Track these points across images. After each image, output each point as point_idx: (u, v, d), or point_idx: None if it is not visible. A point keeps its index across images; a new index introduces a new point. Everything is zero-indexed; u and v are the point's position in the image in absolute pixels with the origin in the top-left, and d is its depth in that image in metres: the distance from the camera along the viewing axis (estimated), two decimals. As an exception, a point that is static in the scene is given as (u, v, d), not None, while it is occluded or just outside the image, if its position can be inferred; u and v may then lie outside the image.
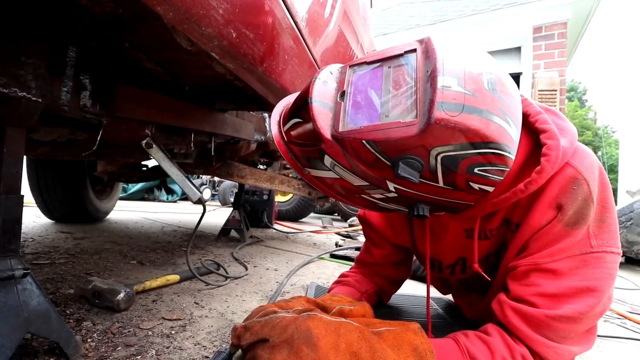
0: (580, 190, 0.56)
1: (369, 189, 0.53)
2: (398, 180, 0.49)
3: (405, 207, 0.56)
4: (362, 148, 0.47)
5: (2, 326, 0.50)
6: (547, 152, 0.58)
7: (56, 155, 0.95)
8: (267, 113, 1.59)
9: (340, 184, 0.55)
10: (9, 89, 0.51)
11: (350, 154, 0.49)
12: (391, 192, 0.52)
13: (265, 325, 0.52)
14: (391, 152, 0.46)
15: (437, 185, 0.49)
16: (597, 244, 0.56)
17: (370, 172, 0.50)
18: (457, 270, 0.79)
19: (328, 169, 0.53)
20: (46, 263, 1.18)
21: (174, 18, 0.37)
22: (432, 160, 0.46)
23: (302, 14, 0.64)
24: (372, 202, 0.57)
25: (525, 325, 0.55)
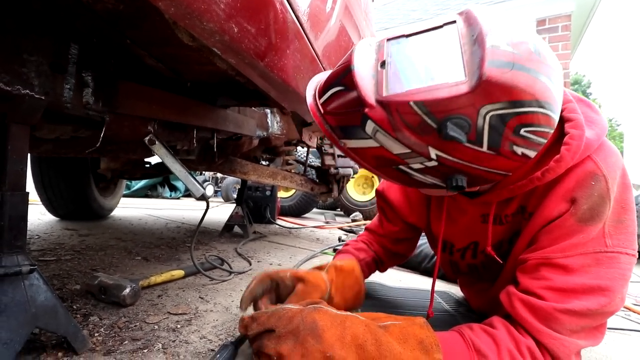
0: (597, 186, 0.56)
1: (408, 158, 0.52)
2: (442, 144, 0.48)
3: (442, 179, 0.54)
4: (409, 111, 0.46)
5: (11, 321, 0.51)
6: (568, 142, 0.57)
7: (60, 153, 0.96)
8: (269, 109, 1.59)
9: (377, 154, 0.53)
10: (12, 87, 0.51)
11: (394, 119, 0.48)
12: (432, 160, 0.51)
13: (271, 316, 0.53)
14: (438, 113, 0.45)
15: (481, 150, 0.48)
16: (613, 243, 0.55)
17: (414, 138, 0.48)
18: (468, 255, 0.79)
19: (368, 137, 0.51)
20: (52, 259, 1.20)
21: (175, 13, 0.37)
22: (481, 120, 0.45)
23: (303, 8, 0.63)
24: (407, 175, 0.55)
25: (532, 317, 0.55)
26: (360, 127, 0.51)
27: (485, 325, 0.59)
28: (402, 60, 0.49)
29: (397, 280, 1.36)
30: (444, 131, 0.45)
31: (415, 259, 1.51)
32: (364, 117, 0.50)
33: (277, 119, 1.64)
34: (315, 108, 0.56)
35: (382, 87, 0.48)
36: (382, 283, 1.21)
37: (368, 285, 1.17)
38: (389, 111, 0.48)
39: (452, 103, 0.44)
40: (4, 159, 0.52)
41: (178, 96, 0.88)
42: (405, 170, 0.54)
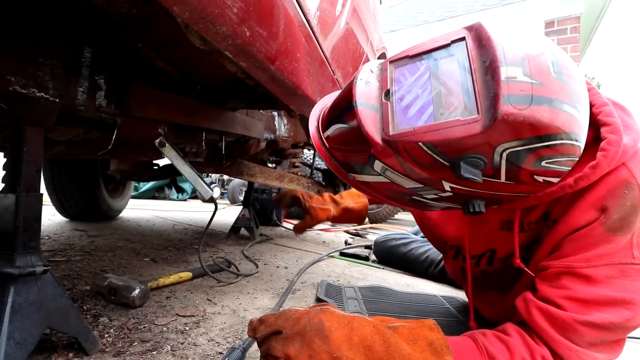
0: (630, 195, 0.53)
1: (422, 191, 0.51)
2: (457, 180, 0.46)
3: (459, 204, 0.52)
4: (418, 150, 0.44)
5: (24, 321, 0.51)
6: (606, 147, 0.54)
7: (72, 155, 0.97)
8: (277, 111, 1.59)
9: (389, 188, 0.53)
10: (27, 90, 0.52)
11: (403, 158, 0.46)
12: (446, 192, 0.49)
13: (278, 317, 0.53)
14: (451, 153, 0.43)
15: (499, 181, 0.46)
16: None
17: (426, 174, 0.47)
18: (483, 262, 0.76)
19: (377, 173, 0.51)
20: (62, 260, 1.21)
21: (189, 17, 0.37)
22: (497, 157, 0.43)
23: (313, 11, 0.64)
24: (423, 203, 0.55)
25: (550, 326, 0.53)
26: (369, 166, 0.50)
27: (499, 331, 0.57)
28: (407, 90, 0.46)
29: (405, 284, 1.35)
30: (457, 172, 0.43)
31: (422, 265, 1.50)
32: (371, 157, 0.49)
33: (284, 121, 1.65)
34: (320, 142, 0.56)
35: (388, 123, 0.46)
36: (390, 287, 1.20)
37: (375, 288, 1.17)
38: (396, 150, 0.46)
39: (465, 143, 0.41)
40: (19, 161, 0.53)
41: (188, 99, 0.89)
42: (420, 200, 0.53)
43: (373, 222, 3.63)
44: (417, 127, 0.43)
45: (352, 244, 2.06)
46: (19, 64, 0.51)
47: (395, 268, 1.60)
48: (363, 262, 1.68)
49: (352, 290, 1.13)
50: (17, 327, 0.50)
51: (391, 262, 1.63)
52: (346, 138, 0.51)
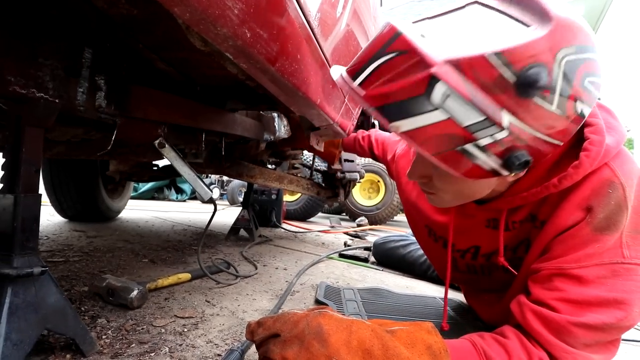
0: (614, 194, 0.54)
1: (479, 130, 0.46)
2: (517, 104, 0.45)
3: (504, 159, 0.49)
4: (485, 64, 0.43)
5: (21, 322, 0.51)
6: (588, 147, 0.55)
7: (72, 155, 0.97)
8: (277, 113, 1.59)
9: (441, 133, 0.47)
10: (27, 90, 0.52)
11: (467, 77, 0.44)
12: (503, 130, 0.46)
13: (277, 320, 0.52)
14: (517, 63, 0.43)
15: (550, 109, 0.46)
16: (631, 255, 0.53)
17: (490, 99, 0.45)
18: (468, 257, 0.78)
19: (433, 108, 0.45)
20: (61, 261, 1.21)
21: (190, 18, 0.37)
22: (556, 67, 0.44)
23: (314, 13, 0.64)
24: (469, 158, 0.49)
25: (545, 329, 0.53)
26: (425, 97, 0.44)
27: (497, 334, 0.57)
28: (443, 32, 0.46)
29: (404, 286, 1.34)
30: (526, 80, 0.43)
31: (420, 267, 1.50)
32: (431, 81, 0.44)
33: (284, 123, 1.64)
34: (352, 91, 0.50)
35: (438, 49, 0.44)
36: (389, 289, 1.20)
37: (375, 290, 1.17)
38: (460, 69, 0.44)
39: (531, 50, 0.43)
40: (19, 161, 0.53)
41: (188, 100, 0.89)
42: (470, 151, 0.48)
43: (372, 224, 3.63)
44: (477, 45, 0.44)
45: (351, 245, 2.06)
46: (19, 64, 0.51)
47: (394, 270, 1.60)
48: (362, 264, 1.68)
49: (351, 292, 1.13)
50: (14, 329, 0.49)
51: (390, 263, 1.63)
52: (393, 68, 0.46)
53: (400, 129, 0.47)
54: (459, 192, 0.62)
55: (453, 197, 0.63)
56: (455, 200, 0.65)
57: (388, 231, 3.28)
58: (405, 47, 0.45)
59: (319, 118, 0.97)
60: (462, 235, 0.77)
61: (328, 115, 0.95)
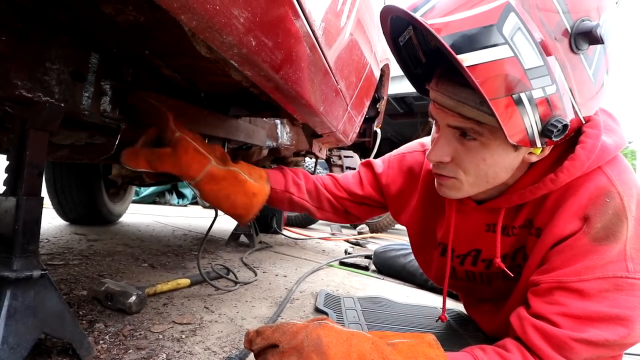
0: (612, 203, 0.54)
1: (536, 78, 0.46)
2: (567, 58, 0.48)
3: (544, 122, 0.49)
4: (550, 8, 0.47)
5: (19, 326, 0.51)
6: (584, 140, 0.55)
7: (75, 159, 0.97)
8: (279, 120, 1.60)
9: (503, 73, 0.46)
10: (33, 94, 0.53)
11: (533, 17, 0.46)
12: (553, 84, 0.47)
13: (276, 330, 0.52)
14: (575, 13, 0.47)
15: (588, 73, 0.50)
16: (635, 269, 0.52)
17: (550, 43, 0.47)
18: (468, 262, 0.77)
19: (502, 42, 0.45)
20: (60, 264, 1.20)
21: (196, 26, 0.38)
22: (601, 25, 0.47)
23: (318, 22, 0.64)
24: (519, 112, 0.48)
25: (546, 345, 0.52)
26: (496, 27, 0.44)
27: (499, 347, 0.57)
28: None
29: (405, 296, 1.33)
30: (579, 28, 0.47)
31: (421, 277, 1.48)
32: (505, 10, 0.44)
33: (286, 129, 1.65)
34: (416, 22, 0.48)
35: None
36: (389, 299, 1.19)
37: (375, 299, 1.16)
38: (528, 7, 0.46)
39: (586, 3, 0.48)
40: (22, 164, 0.53)
41: (192, 106, 0.90)
42: (523, 102, 0.47)
43: (373, 232, 3.62)
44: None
45: (352, 253, 2.05)
46: (26, 68, 0.51)
47: (395, 279, 1.59)
48: (363, 272, 1.67)
49: (351, 300, 1.12)
50: (11, 332, 0.49)
51: (391, 272, 1.62)
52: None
53: (466, 62, 0.45)
54: (484, 173, 0.59)
55: (474, 180, 0.60)
56: (475, 186, 0.62)
57: (389, 239, 3.26)
58: None
59: (321, 125, 0.97)
60: (462, 239, 0.76)
61: (331, 123, 0.95)
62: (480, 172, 0.59)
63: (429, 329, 0.96)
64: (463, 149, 0.59)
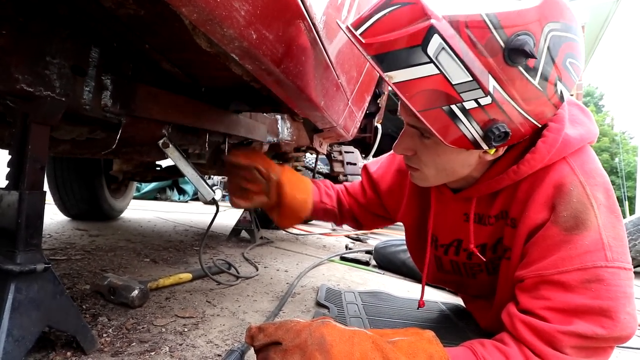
0: (575, 191, 0.55)
1: (466, 91, 0.48)
2: (503, 71, 0.48)
3: (484, 130, 0.51)
4: (479, 25, 0.47)
5: (23, 318, 0.51)
6: (545, 134, 0.57)
7: (76, 154, 0.97)
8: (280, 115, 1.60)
9: (431, 88, 0.49)
10: (34, 88, 0.53)
11: (461, 35, 0.47)
12: (487, 95, 0.49)
13: (279, 327, 0.52)
14: (508, 28, 0.46)
15: (532, 83, 0.49)
16: (613, 257, 0.53)
17: (479, 60, 0.47)
18: (451, 251, 0.80)
19: (427, 61, 0.47)
20: (63, 259, 1.21)
21: (197, 19, 0.38)
22: (543, 39, 0.47)
23: (319, 15, 0.64)
24: (453, 121, 0.51)
25: (537, 340, 0.53)
26: (421, 47, 0.47)
27: (497, 341, 0.57)
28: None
29: (405, 290, 1.34)
30: (512, 44, 0.46)
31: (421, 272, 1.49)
32: (429, 32, 0.46)
33: (287, 125, 1.65)
34: (358, 39, 0.52)
35: (444, 5, 0.48)
36: (389, 293, 1.19)
37: (376, 294, 1.16)
38: (456, 26, 0.47)
39: (523, 17, 0.46)
40: (24, 158, 0.53)
41: (192, 100, 0.90)
42: (455, 113, 0.50)
43: (374, 228, 3.62)
44: (474, 6, 0.47)
45: (352, 248, 2.05)
46: (27, 62, 0.51)
47: (395, 274, 1.59)
48: (363, 267, 1.67)
49: (352, 295, 1.12)
50: (16, 325, 0.50)
51: (391, 267, 1.63)
52: (397, 19, 0.49)
53: (393, 79, 0.50)
54: (441, 167, 0.63)
55: (436, 173, 0.65)
56: (438, 177, 0.66)
57: (389, 235, 3.27)
58: (411, 0, 0.48)
59: (322, 120, 0.97)
60: (445, 229, 0.78)
61: (332, 117, 0.95)
62: (438, 166, 0.63)
63: (429, 322, 0.97)
64: (421, 145, 0.63)
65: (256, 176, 0.71)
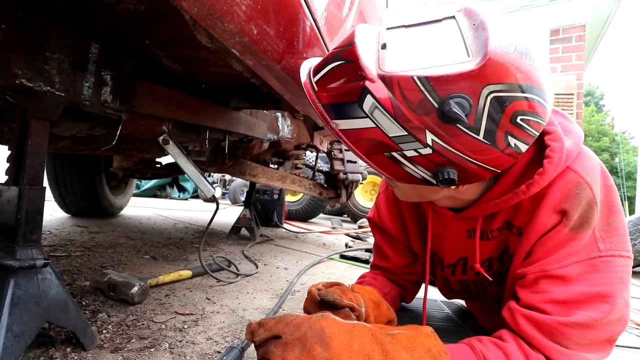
0: (583, 194, 0.56)
1: (403, 143, 0.50)
2: (440, 128, 0.48)
3: (433, 172, 0.53)
4: (411, 86, 0.46)
5: (23, 314, 0.51)
6: (549, 154, 0.57)
7: (76, 150, 0.97)
8: (280, 112, 1.60)
9: (371, 137, 0.52)
10: (34, 83, 0.53)
11: (395, 95, 0.47)
12: (427, 147, 0.50)
13: (278, 322, 0.52)
14: (441, 91, 0.46)
15: (477, 138, 0.48)
16: (606, 247, 0.55)
17: (413, 118, 0.48)
18: (458, 271, 0.78)
19: (364, 115, 0.50)
20: (63, 255, 1.21)
21: (198, 14, 0.37)
22: (482, 101, 0.46)
23: (321, 12, 0.64)
24: (398, 164, 0.53)
25: (538, 333, 0.54)
26: (357, 104, 0.49)
27: (495, 338, 0.57)
28: (404, 45, 0.50)
29: (405, 288, 1.34)
30: (445, 109, 0.45)
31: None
32: (363, 92, 0.48)
33: (287, 122, 1.65)
34: (309, 85, 0.55)
35: (384, 63, 0.48)
36: (389, 291, 1.19)
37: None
38: (390, 86, 0.47)
39: (456, 81, 0.45)
40: (24, 154, 0.53)
41: (193, 97, 0.89)
42: (397, 158, 0.53)
43: (374, 226, 3.62)
44: (412, 67, 0.47)
45: (352, 247, 2.05)
46: (27, 57, 0.51)
47: (395, 272, 1.59)
48: (363, 265, 1.67)
49: (352, 293, 1.12)
50: (15, 320, 0.50)
51: (391, 266, 1.63)
52: (340, 73, 0.51)
53: (339, 127, 0.53)
54: (415, 192, 0.65)
55: (411, 193, 0.66)
56: (414, 196, 0.67)
57: (389, 233, 3.27)
58: (352, 57, 0.49)
59: (323, 118, 0.97)
60: (449, 248, 0.77)
61: (332, 115, 0.94)
62: (412, 189, 0.65)
63: (429, 320, 0.97)
64: None
65: (348, 314, 0.67)
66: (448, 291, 0.88)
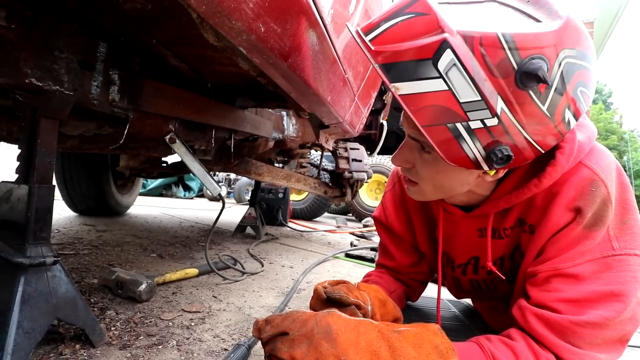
0: (598, 191, 0.55)
1: (473, 110, 0.47)
2: (513, 93, 0.46)
3: (487, 151, 0.50)
4: (494, 44, 0.45)
5: (33, 311, 0.52)
6: (561, 145, 0.56)
7: (84, 149, 0.98)
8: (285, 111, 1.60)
9: (438, 104, 0.48)
10: (43, 82, 0.53)
11: (474, 53, 0.45)
12: (494, 117, 0.47)
13: (285, 318, 0.52)
14: (523, 50, 0.45)
15: (541, 108, 0.48)
16: (620, 246, 0.54)
17: (490, 81, 0.46)
18: (469, 270, 0.77)
19: (436, 75, 0.46)
20: (71, 253, 1.22)
21: (205, 11, 0.37)
22: (557, 65, 0.46)
23: (327, 10, 0.64)
24: (456, 139, 0.50)
25: (549, 332, 0.53)
26: (432, 61, 0.45)
27: (504, 336, 0.57)
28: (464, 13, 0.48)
29: (411, 287, 1.33)
30: (530, 67, 0.45)
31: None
32: (441, 47, 0.45)
33: (292, 121, 1.65)
34: (364, 43, 0.50)
35: (460, 21, 0.46)
36: (395, 289, 1.19)
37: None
38: (470, 44, 0.45)
39: (539, 40, 0.45)
40: (33, 152, 0.54)
41: (199, 96, 0.90)
42: (460, 131, 0.49)
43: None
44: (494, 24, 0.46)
45: (357, 245, 2.05)
46: (36, 56, 0.52)
47: (401, 271, 1.59)
48: (368, 264, 1.67)
49: (358, 291, 1.12)
50: (26, 317, 0.50)
51: (397, 265, 1.62)
52: (407, 30, 0.47)
53: (400, 91, 0.48)
54: (439, 184, 0.62)
55: (433, 189, 0.63)
56: (435, 193, 0.65)
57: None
58: (425, 10, 0.46)
59: (328, 116, 0.97)
60: (460, 248, 0.76)
61: (338, 113, 0.94)
62: (436, 182, 0.62)
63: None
64: (421, 159, 0.61)
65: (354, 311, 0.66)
66: (458, 291, 0.87)
